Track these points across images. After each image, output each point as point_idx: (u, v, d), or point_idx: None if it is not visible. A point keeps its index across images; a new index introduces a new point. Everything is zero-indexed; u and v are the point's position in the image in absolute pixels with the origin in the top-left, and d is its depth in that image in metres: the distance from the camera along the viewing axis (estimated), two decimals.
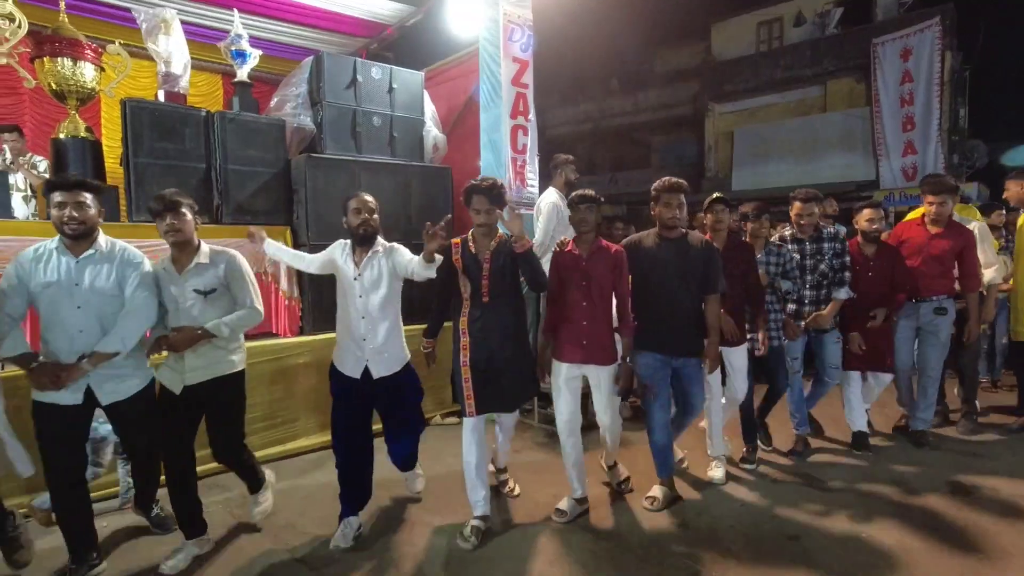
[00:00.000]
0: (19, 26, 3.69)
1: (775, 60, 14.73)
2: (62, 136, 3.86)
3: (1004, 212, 5.19)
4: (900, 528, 2.86)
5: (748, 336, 3.54)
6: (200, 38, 5.36)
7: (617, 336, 3.06)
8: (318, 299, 4.21)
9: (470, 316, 2.86)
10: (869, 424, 4.08)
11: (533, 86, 4.87)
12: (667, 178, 3.11)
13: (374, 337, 2.84)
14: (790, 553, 2.66)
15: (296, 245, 4.32)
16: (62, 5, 4.01)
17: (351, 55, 5.42)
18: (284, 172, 4.41)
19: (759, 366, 3.66)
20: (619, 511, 3.12)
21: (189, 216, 2.63)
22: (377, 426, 2.98)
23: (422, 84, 5.11)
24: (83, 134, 3.91)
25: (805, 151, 13.57)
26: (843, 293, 3.74)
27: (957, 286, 3.89)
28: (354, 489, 2.87)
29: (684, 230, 3.14)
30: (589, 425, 3.30)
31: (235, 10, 4.68)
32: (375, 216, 2.86)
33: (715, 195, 3.47)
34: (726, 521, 2.97)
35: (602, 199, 3.05)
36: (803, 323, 3.76)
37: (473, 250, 2.88)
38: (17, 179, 4.48)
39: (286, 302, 4.32)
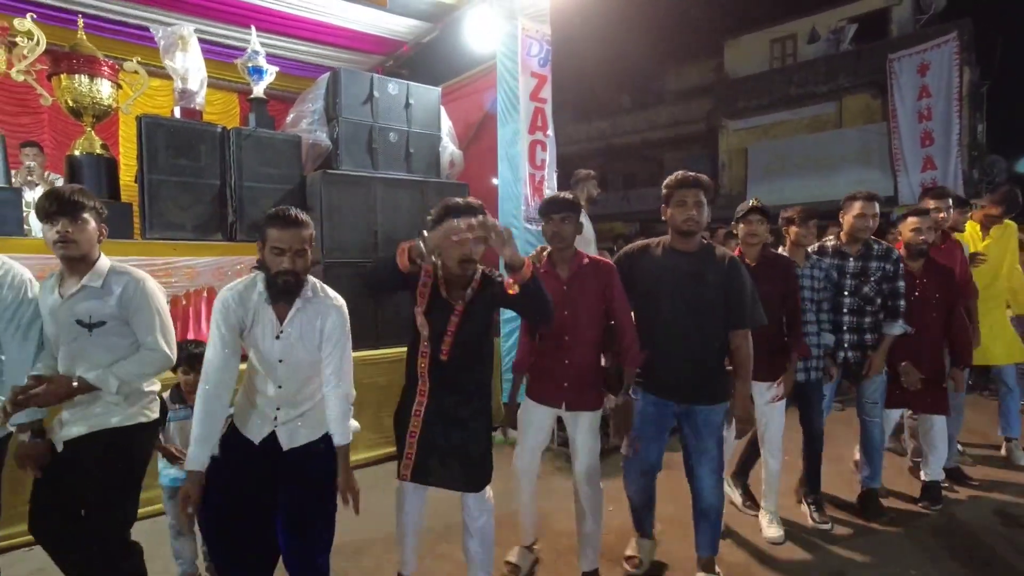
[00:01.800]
0: (37, 43, 3.69)
1: (789, 77, 14.70)
2: (77, 153, 3.83)
3: None
4: None
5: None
6: (217, 56, 5.37)
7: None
8: None
9: (432, 364, 2.14)
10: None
11: (551, 101, 4.81)
12: (682, 172, 2.42)
13: (295, 405, 2.05)
14: None
15: (311, 262, 4.24)
16: (80, 23, 4.01)
17: (367, 72, 5.41)
18: (299, 188, 4.35)
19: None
20: None
21: (92, 224, 2.02)
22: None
23: (439, 100, 5.06)
24: (98, 151, 3.88)
25: (820, 167, 13.45)
26: (897, 328, 3.08)
27: None
28: None
29: (705, 241, 2.49)
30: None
31: (252, 27, 4.68)
32: (307, 257, 1.97)
33: (752, 203, 2.93)
34: None
35: (581, 206, 2.52)
36: (842, 355, 3.17)
37: (444, 293, 2.14)
38: (35, 197, 4.46)
39: None
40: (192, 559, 2.51)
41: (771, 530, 2.97)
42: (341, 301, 2.08)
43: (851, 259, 3.16)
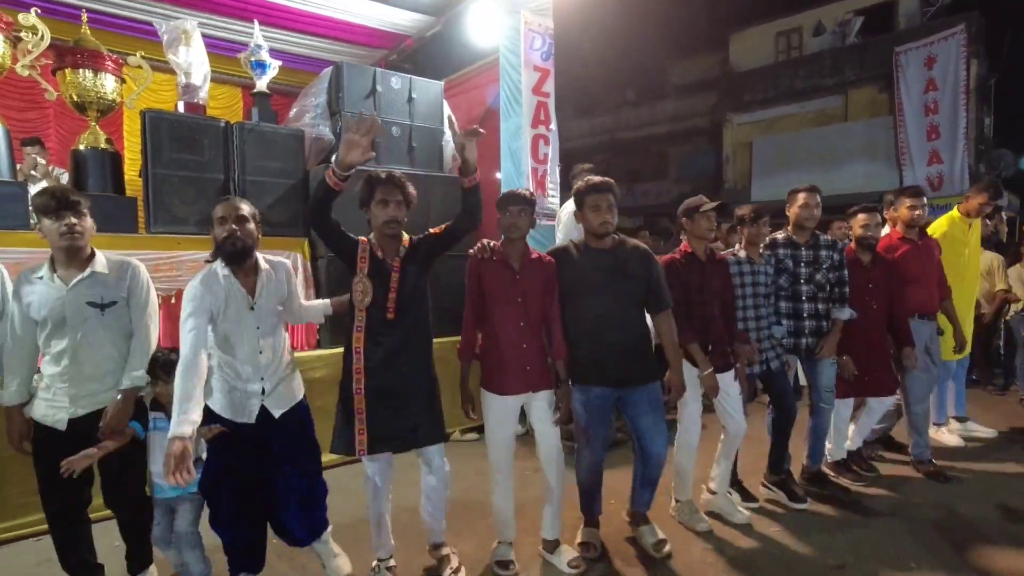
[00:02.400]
0: (42, 38, 3.70)
1: (794, 70, 14.59)
2: (82, 148, 3.85)
3: None
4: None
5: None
6: (220, 51, 5.38)
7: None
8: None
9: (368, 335, 2.32)
10: (859, 452, 3.74)
11: (554, 95, 4.80)
12: (591, 177, 2.68)
13: (275, 370, 2.34)
14: None
15: (314, 256, 4.27)
16: (84, 18, 4.03)
17: (370, 67, 5.40)
18: (303, 183, 4.36)
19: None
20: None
21: (89, 218, 2.25)
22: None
23: (441, 94, 5.06)
24: (103, 146, 3.90)
25: (826, 161, 13.36)
26: (845, 313, 3.29)
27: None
28: (257, 552, 2.42)
29: (618, 237, 2.68)
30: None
31: (255, 22, 4.69)
32: (249, 225, 2.27)
33: (719, 201, 3.00)
34: None
35: (535, 201, 2.61)
36: (804, 341, 3.30)
37: (380, 255, 2.37)
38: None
39: None
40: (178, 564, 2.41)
41: (736, 514, 3.06)
42: (284, 260, 2.50)
43: (803, 248, 3.32)
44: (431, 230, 2.48)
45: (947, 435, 4.25)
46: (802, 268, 3.29)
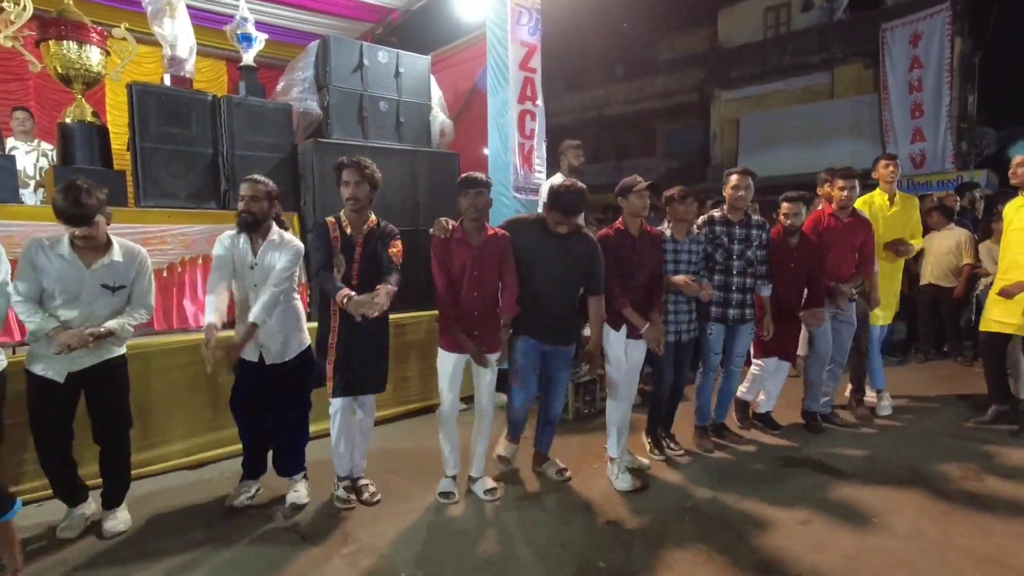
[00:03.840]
0: (24, 9, 3.66)
1: (782, 46, 14.60)
2: (68, 121, 3.84)
3: None
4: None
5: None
6: (204, 23, 5.32)
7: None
8: None
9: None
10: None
11: (541, 71, 4.83)
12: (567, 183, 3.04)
13: (267, 322, 2.80)
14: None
15: (304, 230, 4.31)
16: None
17: (356, 40, 5.38)
18: (291, 157, 4.39)
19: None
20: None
21: (102, 221, 2.55)
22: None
23: (429, 69, 5.07)
24: (90, 119, 3.89)
25: (812, 138, 13.47)
26: (767, 290, 3.67)
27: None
28: (257, 461, 3.04)
29: (578, 225, 3.05)
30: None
31: None
32: (262, 203, 2.80)
33: (651, 182, 3.32)
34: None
35: (491, 183, 2.94)
36: (731, 311, 3.58)
37: (348, 231, 2.83)
38: (25, 166, 4.48)
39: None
40: None
41: (621, 481, 3.14)
42: (299, 243, 2.94)
43: (736, 227, 3.59)
44: (391, 246, 2.85)
45: (882, 401, 4.33)
46: (735, 245, 3.57)
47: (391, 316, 3.04)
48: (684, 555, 2.51)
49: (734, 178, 3.58)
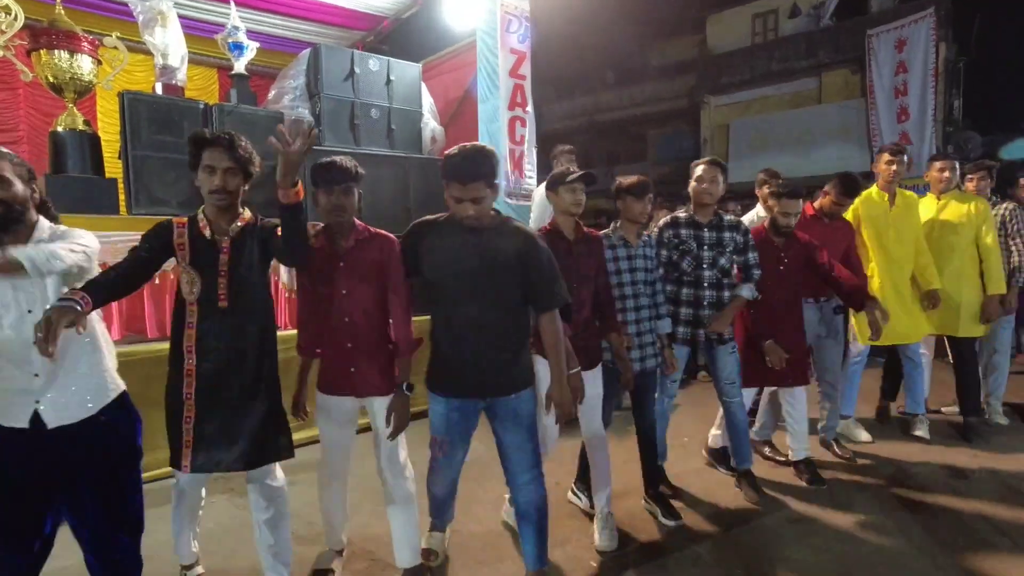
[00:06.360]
0: (15, 19, 3.68)
1: (770, 52, 14.78)
2: (60, 129, 3.85)
3: None
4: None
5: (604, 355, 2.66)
6: (196, 32, 5.35)
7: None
8: None
9: (199, 329, 1.96)
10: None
11: (531, 78, 4.89)
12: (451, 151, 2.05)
13: (47, 363, 1.66)
14: None
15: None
16: None
17: (348, 48, 5.42)
18: None
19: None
20: None
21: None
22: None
23: (420, 76, 5.11)
24: (81, 127, 3.91)
25: (801, 143, 13.64)
26: (747, 291, 2.97)
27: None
28: None
29: (495, 213, 2.13)
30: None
31: (232, 2, 4.67)
32: (14, 189, 1.68)
33: (584, 172, 2.52)
34: None
35: (357, 173, 2.17)
36: (702, 331, 2.94)
37: (206, 232, 1.99)
38: None
39: (286, 295, 4.33)
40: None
41: (602, 537, 2.58)
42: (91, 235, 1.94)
43: (705, 229, 2.95)
44: (279, 229, 2.01)
45: (858, 429, 3.86)
46: (705, 251, 2.92)
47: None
48: None
49: (700, 169, 2.94)
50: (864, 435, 3.81)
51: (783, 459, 3.48)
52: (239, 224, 2.03)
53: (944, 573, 2.39)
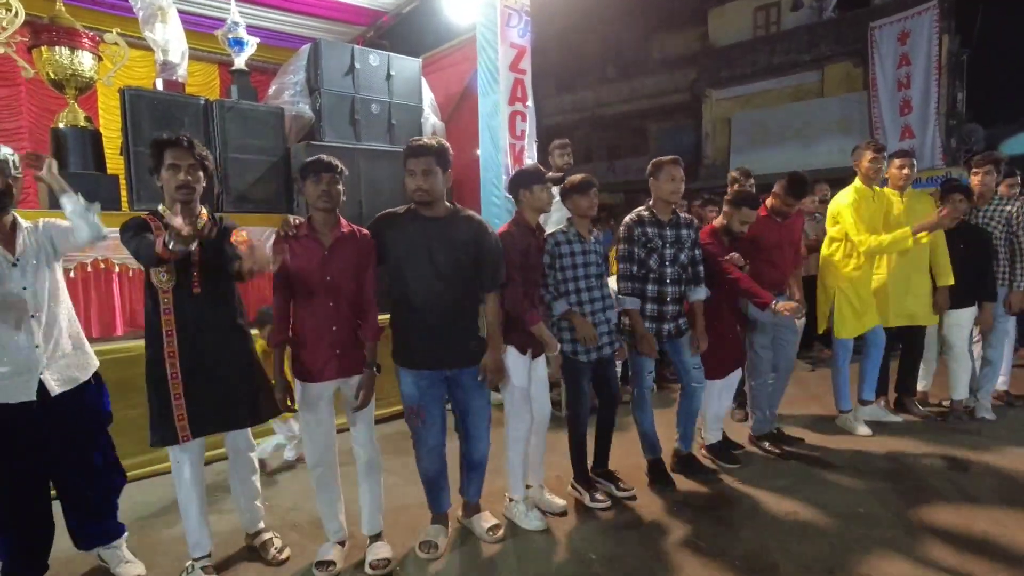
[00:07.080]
0: (16, 15, 3.69)
1: (772, 45, 14.70)
2: (61, 126, 3.87)
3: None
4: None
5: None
6: (196, 27, 5.34)
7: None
8: None
9: (177, 313, 2.17)
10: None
11: (531, 72, 4.88)
12: (414, 139, 2.45)
13: (50, 341, 2.13)
14: None
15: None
16: None
17: (348, 43, 5.42)
18: (284, 160, 4.42)
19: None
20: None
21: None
22: None
23: (420, 71, 5.11)
24: (83, 124, 3.92)
25: (803, 136, 13.60)
26: (702, 292, 3.11)
27: None
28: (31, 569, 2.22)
29: (451, 205, 2.47)
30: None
31: None
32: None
33: (559, 175, 2.75)
34: None
35: (341, 168, 2.37)
36: (667, 326, 3.05)
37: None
38: None
39: None
40: None
41: (530, 519, 2.71)
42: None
43: (667, 228, 3.04)
44: (235, 236, 2.30)
45: (858, 423, 3.87)
46: (667, 249, 3.02)
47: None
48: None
49: (674, 169, 2.97)
50: (864, 429, 3.83)
51: (778, 452, 3.56)
52: (201, 219, 2.21)
53: (940, 563, 2.40)
